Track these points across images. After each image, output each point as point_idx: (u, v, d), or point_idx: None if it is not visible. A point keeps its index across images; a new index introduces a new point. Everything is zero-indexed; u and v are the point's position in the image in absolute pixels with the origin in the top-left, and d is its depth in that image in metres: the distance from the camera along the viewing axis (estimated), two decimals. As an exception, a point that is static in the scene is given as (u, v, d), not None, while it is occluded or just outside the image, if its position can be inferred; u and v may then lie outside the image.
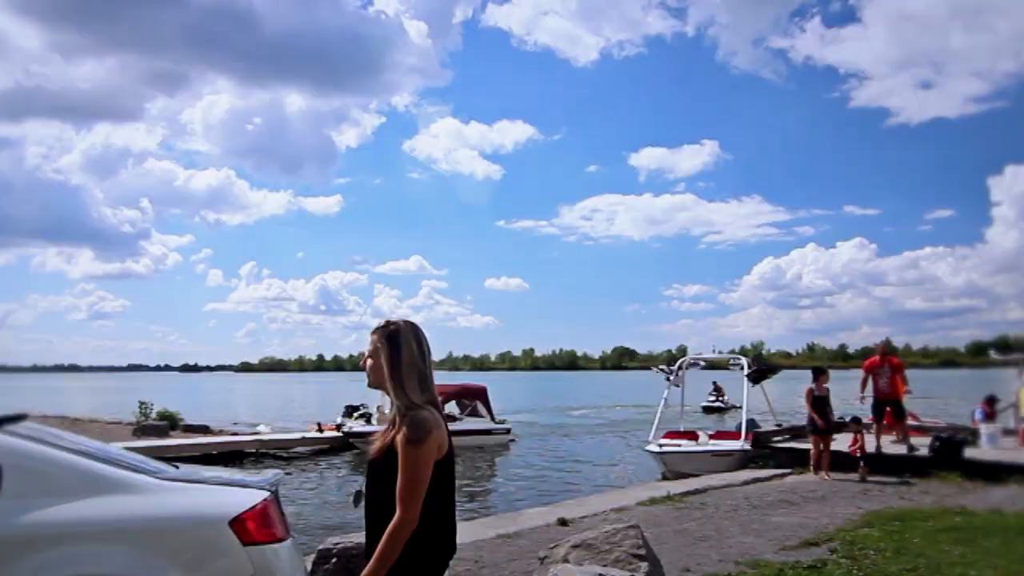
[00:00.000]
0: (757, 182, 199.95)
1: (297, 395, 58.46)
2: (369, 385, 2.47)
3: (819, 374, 11.45)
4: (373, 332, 2.46)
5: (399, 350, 2.39)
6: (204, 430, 20.12)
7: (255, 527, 3.41)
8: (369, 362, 2.44)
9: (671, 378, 14.73)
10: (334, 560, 5.49)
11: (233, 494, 3.59)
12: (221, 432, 20.32)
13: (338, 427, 18.93)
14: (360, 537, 5.75)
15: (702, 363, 15.66)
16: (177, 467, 3.90)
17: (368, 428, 18.39)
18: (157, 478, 3.49)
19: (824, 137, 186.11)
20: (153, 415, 20.41)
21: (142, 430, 18.59)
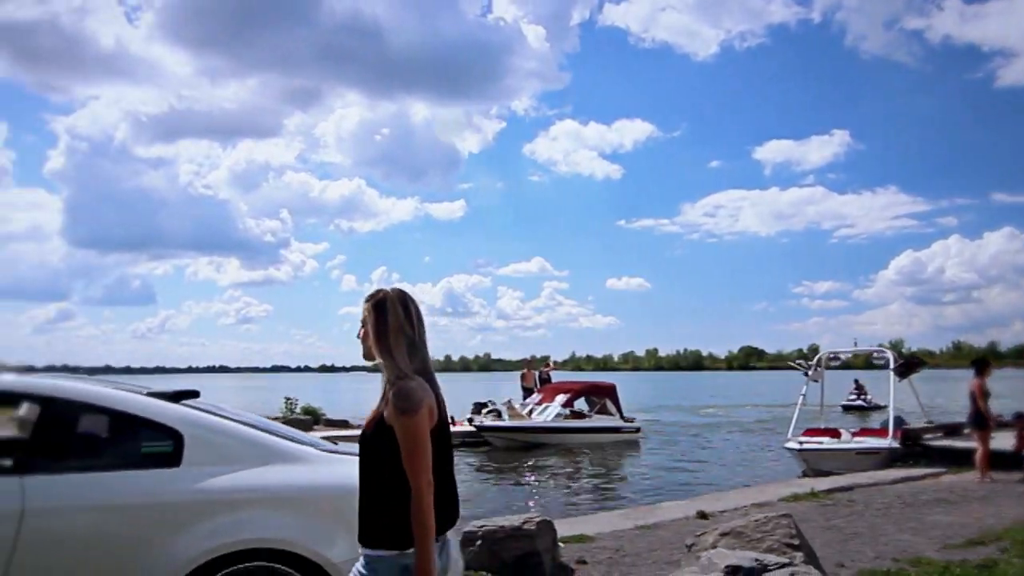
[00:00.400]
0: (892, 171, 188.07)
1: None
2: (364, 356, 2.44)
3: (984, 367, 10.54)
4: (364, 301, 2.45)
5: (386, 317, 2.38)
6: (344, 424, 21.02)
7: None
8: (360, 332, 2.43)
9: (810, 373, 14.12)
10: (479, 543, 5.63)
11: None
12: (359, 426, 21.12)
13: (469, 422, 19.30)
14: (504, 520, 5.91)
15: (843, 356, 14.90)
16: (335, 443, 4.11)
17: (498, 423, 18.65)
18: (319, 450, 3.69)
19: (966, 121, 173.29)
20: (298, 410, 21.50)
21: (288, 424, 19.59)
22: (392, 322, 2.38)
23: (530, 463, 15.79)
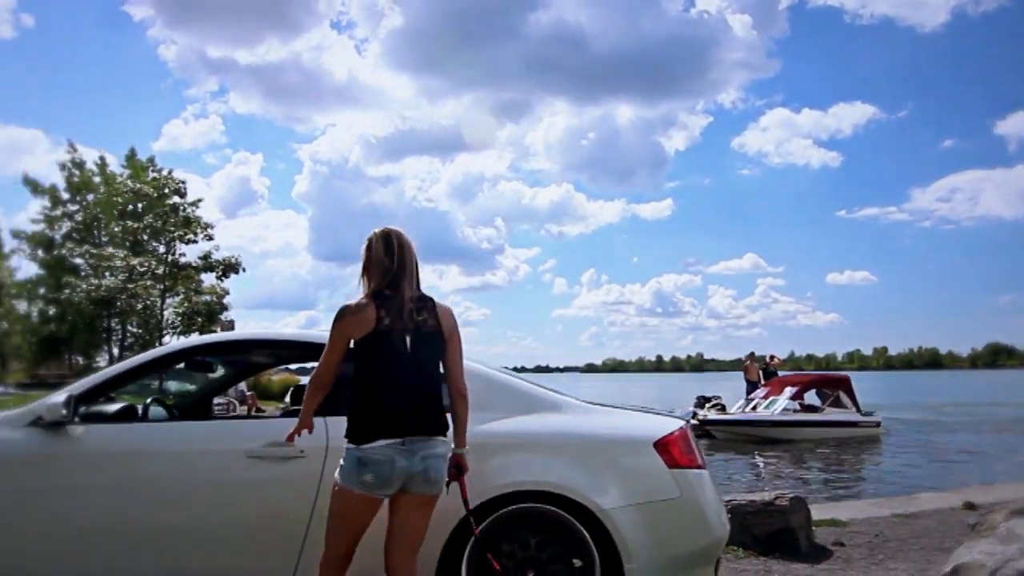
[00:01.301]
0: None
1: (638, 392, 59.61)
2: None
3: None
4: None
5: (369, 252, 3.01)
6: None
7: (678, 452, 3.51)
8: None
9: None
10: (727, 516, 5.48)
11: (653, 420, 3.75)
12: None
13: (693, 416, 18.93)
14: (754, 495, 5.73)
15: None
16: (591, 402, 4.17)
17: (723, 416, 18.12)
18: (582, 402, 3.77)
19: None
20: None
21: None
22: (373, 256, 2.99)
23: (758, 457, 15.16)
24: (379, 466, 2.83)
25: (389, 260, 2.97)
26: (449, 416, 3.06)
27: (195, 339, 3.93)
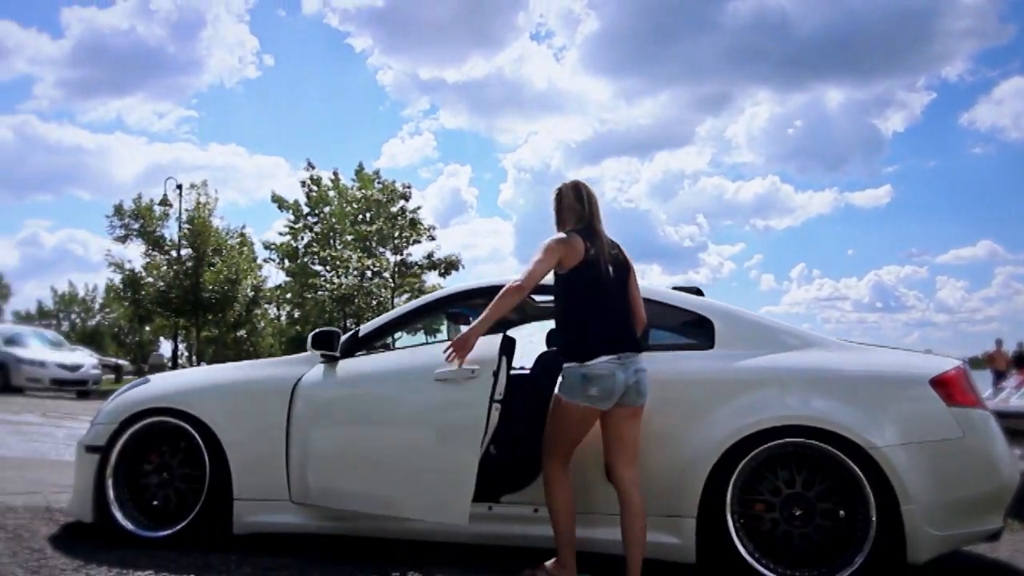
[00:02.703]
0: None
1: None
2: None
3: None
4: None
5: (560, 200, 3.38)
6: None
7: (957, 390, 3.29)
8: None
9: None
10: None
11: (927, 358, 3.54)
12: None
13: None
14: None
15: None
16: None
17: None
18: (844, 341, 3.64)
19: None
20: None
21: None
22: (564, 203, 3.36)
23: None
24: (603, 380, 3.07)
25: (580, 206, 3.33)
26: None
27: (465, 284, 4.17)
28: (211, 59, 59.93)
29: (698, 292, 3.95)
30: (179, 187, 25.34)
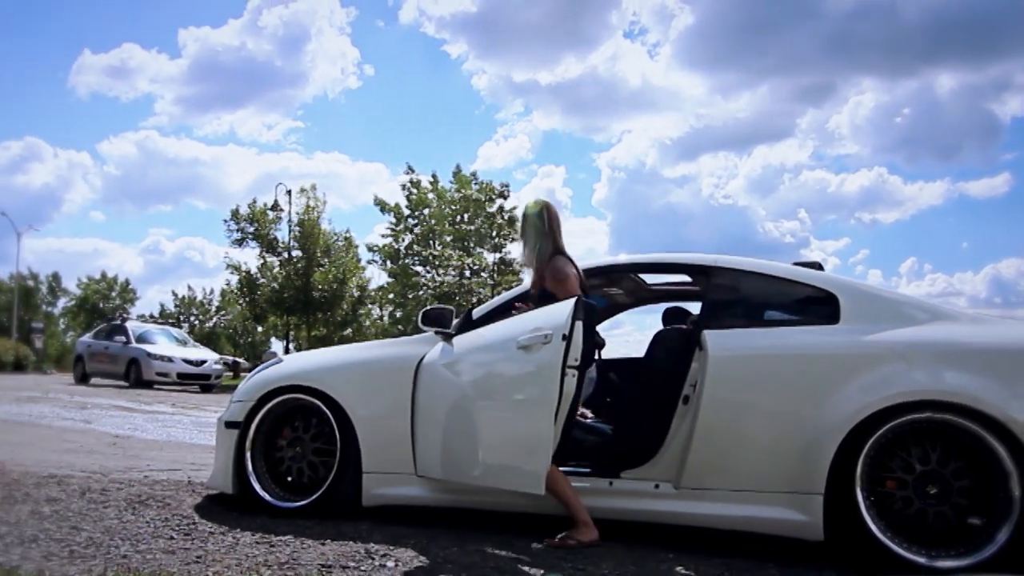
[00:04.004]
0: None
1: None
2: None
3: None
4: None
5: (544, 221, 3.81)
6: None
7: None
8: None
9: None
10: None
11: None
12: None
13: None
14: None
15: None
16: None
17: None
18: (978, 313, 3.53)
19: None
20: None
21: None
22: (553, 225, 3.81)
23: None
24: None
25: (554, 227, 3.81)
26: None
27: (587, 262, 4.20)
28: (315, 71, 62.02)
29: (819, 267, 3.88)
30: (288, 192, 26.51)
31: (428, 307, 3.97)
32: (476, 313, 3.99)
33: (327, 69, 61.85)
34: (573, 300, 3.27)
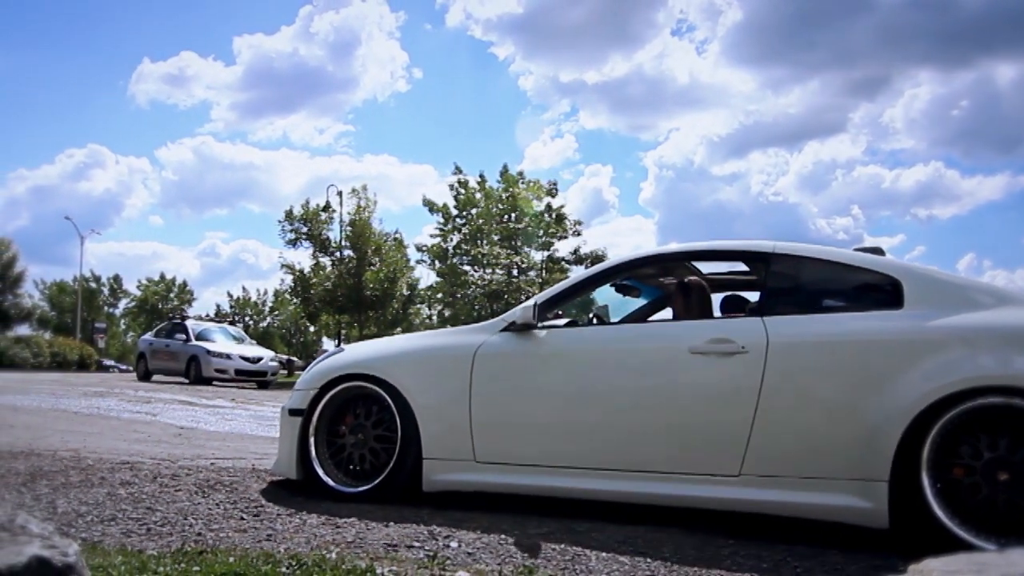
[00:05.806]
0: None
1: None
2: None
3: None
4: None
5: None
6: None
7: None
8: None
9: None
10: None
11: None
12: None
13: None
14: None
15: None
16: None
17: None
18: None
19: None
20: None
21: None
22: None
23: None
24: None
25: None
26: None
27: (634, 253, 4.25)
28: (365, 76, 63.09)
29: (880, 252, 3.83)
30: (339, 193, 26.95)
31: None
32: (539, 300, 4.00)
33: (377, 73, 62.79)
34: (761, 320, 3.55)
